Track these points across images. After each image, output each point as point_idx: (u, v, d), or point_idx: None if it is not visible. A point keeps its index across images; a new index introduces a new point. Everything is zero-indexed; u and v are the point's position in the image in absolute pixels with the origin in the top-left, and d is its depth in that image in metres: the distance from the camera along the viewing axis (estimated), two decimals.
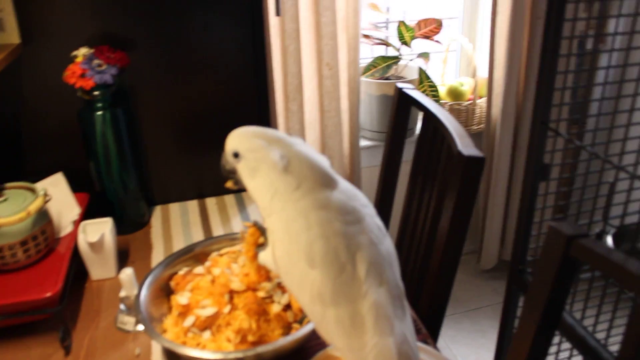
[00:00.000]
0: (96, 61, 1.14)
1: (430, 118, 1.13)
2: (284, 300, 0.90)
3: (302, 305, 0.73)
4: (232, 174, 0.78)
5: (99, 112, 1.17)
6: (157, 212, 1.36)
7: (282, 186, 0.71)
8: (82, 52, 1.16)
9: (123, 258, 1.17)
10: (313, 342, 0.92)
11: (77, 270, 1.09)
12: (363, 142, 2.14)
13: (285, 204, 0.71)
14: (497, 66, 2.09)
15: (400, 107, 1.25)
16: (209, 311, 0.87)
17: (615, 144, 0.99)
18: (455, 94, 2.21)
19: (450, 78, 2.40)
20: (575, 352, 1.08)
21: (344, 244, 0.69)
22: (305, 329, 0.83)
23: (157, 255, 1.18)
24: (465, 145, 0.94)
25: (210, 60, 1.30)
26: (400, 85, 1.25)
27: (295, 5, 1.73)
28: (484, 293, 2.40)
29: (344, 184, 0.75)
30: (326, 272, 0.68)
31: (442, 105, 2.12)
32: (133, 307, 0.99)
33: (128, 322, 0.98)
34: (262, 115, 1.40)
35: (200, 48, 1.29)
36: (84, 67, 1.13)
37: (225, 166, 0.79)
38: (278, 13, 1.33)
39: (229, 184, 0.81)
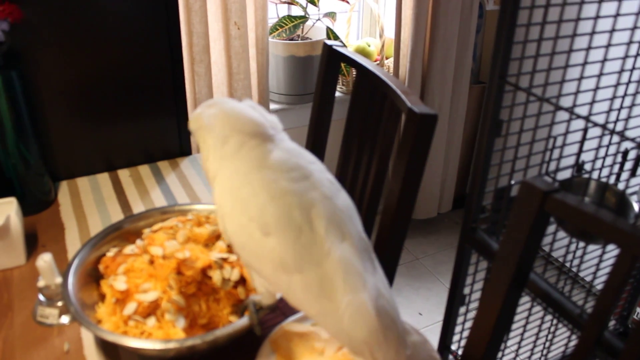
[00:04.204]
0: None
1: (366, 76, 1.08)
2: (234, 276, 0.82)
3: (266, 279, 0.67)
4: None
5: None
6: (64, 187, 1.21)
7: (211, 143, 0.68)
8: None
9: (30, 242, 1.03)
10: (267, 317, 0.86)
11: None
12: (271, 106, 2.07)
13: (220, 163, 0.67)
14: (404, 26, 2.08)
15: (330, 65, 1.19)
16: (152, 295, 0.78)
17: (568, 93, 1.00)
18: (362, 54, 2.18)
19: (352, 38, 2.37)
20: (535, 305, 1.09)
21: (296, 203, 0.63)
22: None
23: (72, 236, 1.05)
24: (414, 103, 0.90)
25: (118, 19, 1.16)
26: (329, 42, 1.19)
27: None
28: None
29: (287, 142, 0.70)
30: (283, 238, 0.62)
31: None
32: (54, 298, 0.87)
33: (50, 314, 0.86)
34: (177, 80, 1.28)
35: (107, 4, 1.14)
36: None
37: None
38: None
39: None
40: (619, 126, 0.97)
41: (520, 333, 1.19)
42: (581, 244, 1.13)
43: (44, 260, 0.83)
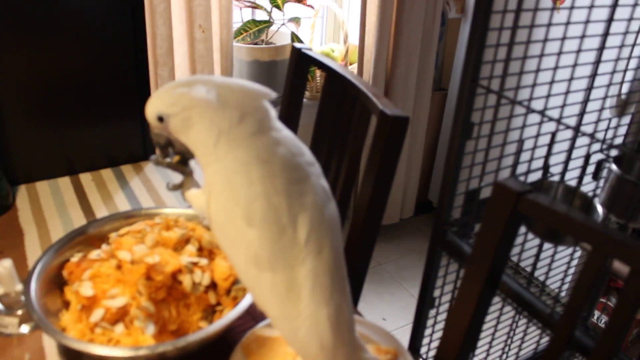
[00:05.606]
0: None
1: (336, 79, 1.08)
2: (205, 281, 0.80)
3: (235, 267, 0.65)
4: (169, 145, 0.68)
5: None
6: (22, 192, 1.16)
7: (224, 123, 0.62)
8: None
9: None
10: (238, 322, 0.85)
11: None
12: None
13: (232, 145, 0.62)
14: (368, 32, 2.09)
15: (298, 68, 1.19)
16: (120, 301, 0.75)
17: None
18: None
19: (316, 44, 2.37)
20: (506, 306, 1.10)
21: (287, 204, 0.62)
22: (234, 313, 0.75)
23: (31, 243, 1.01)
24: (385, 105, 0.90)
25: (81, 18, 1.12)
26: (298, 45, 1.18)
27: None
28: None
29: (285, 131, 0.67)
30: (265, 233, 0.61)
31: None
32: (14, 306, 0.83)
33: (9, 323, 0.82)
34: (141, 82, 1.25)
35: (68, 2, 1.10)
36: None
37: (159, 141, 0.69)
38: None
39: (176, 159, 0.71)
40: (589, 129, 0.99)
41: (491, 333, 1.20)
42: (548, 254, 1.15)
43: (4, 266, 0.80)
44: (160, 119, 0.65)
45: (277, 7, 1.99)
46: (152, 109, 0.65)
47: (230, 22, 1.80)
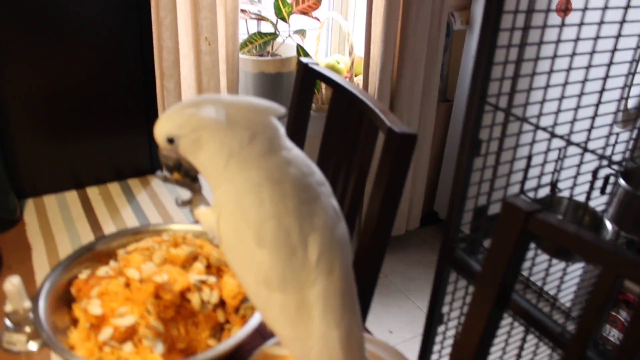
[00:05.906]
0: None
1: (342, 94, 1.08)
2: (214, 299, 0.80)
3: (244, 287, 0.65)
4: (178, 166, 0.68)
5: None
6: (30, 206, 1.16)
7: (235, 143, 0.62)
8: None
9: None
10: (246, 340, 0.84)
11: None
12: None
13: (243, 165, 0.62)
14: (373, 44, 2.10)
15: (305, 82, 1.19)
16: (129, 320, 0.75)
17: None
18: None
19: (321, 56, 2.38)
20: (516, 322, 1.10)
21: (297, 224, 0.62)
22: (243, 332, 0.75)
23: (39, 257, 1.01)
24: (393, 122, 0.90)
25: (88, 31, 1.13)
26: (304, 60, 1.19)
27: None
28: None
29: (296, 150, 0.67)
30: (276, 254, 0.61)
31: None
32: (22, 323, 0.83)
33: (17, 340, 0.82)
34: (148, 95, 1.25)
35: (75, 14, 1.11)
36: None
37: (168, 163, 0.68)
38: None
39: (176, 176, 0.71)
40: (597, 144, 0.99)
41: (501, 348, 1.19)
42: (559, 267, 1.15)
43: (12, 283, 0.80)
44: (170, 140, 0.64)
45: (283, 19, 1.99)
46: (161, 130, 0.65)
47: (236, 35, 1.81)
